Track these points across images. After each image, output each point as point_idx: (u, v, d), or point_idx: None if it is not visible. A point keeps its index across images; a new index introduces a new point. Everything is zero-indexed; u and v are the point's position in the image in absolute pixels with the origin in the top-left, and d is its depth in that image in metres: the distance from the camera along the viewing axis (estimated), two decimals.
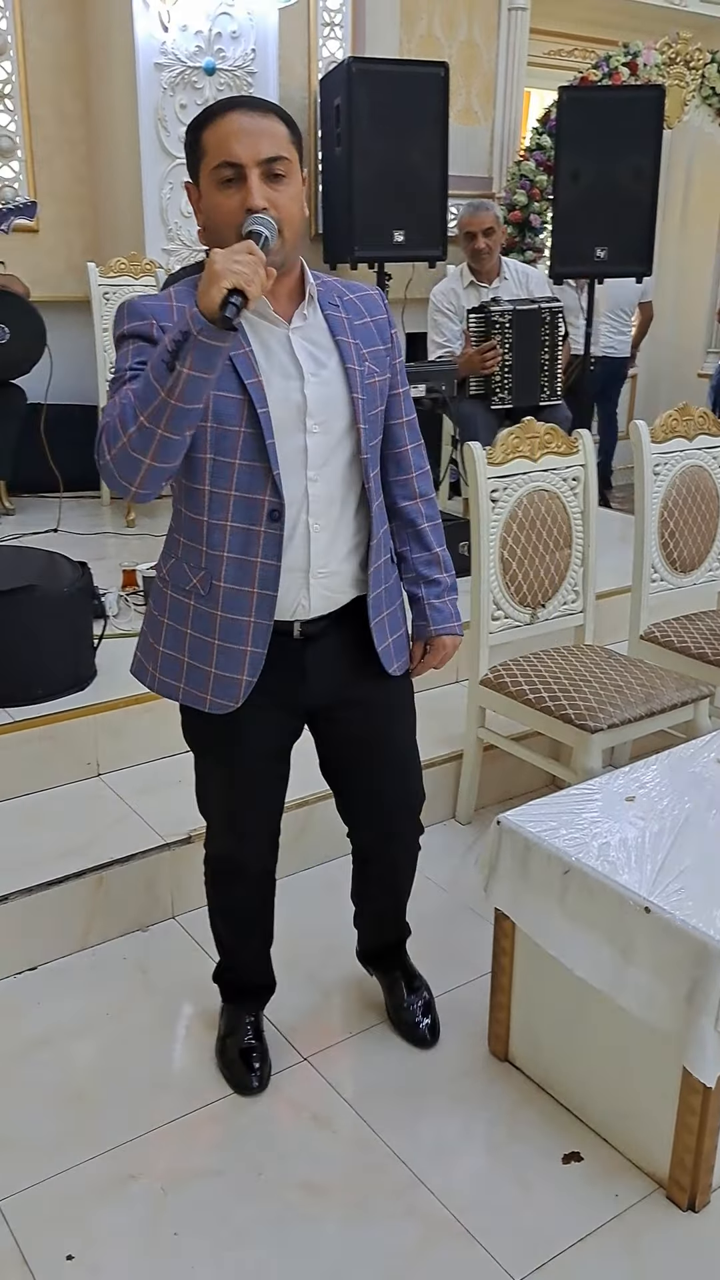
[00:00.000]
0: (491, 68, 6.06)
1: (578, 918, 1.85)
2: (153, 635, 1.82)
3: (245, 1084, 2.06)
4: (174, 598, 1.77)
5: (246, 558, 1.69)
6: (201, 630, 1.74)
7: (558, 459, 2.88)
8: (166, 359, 1.47)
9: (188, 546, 1.73)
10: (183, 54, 4.67)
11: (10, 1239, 1.75)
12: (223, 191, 1.57)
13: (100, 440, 1.54)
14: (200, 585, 1.72)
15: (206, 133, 1.59)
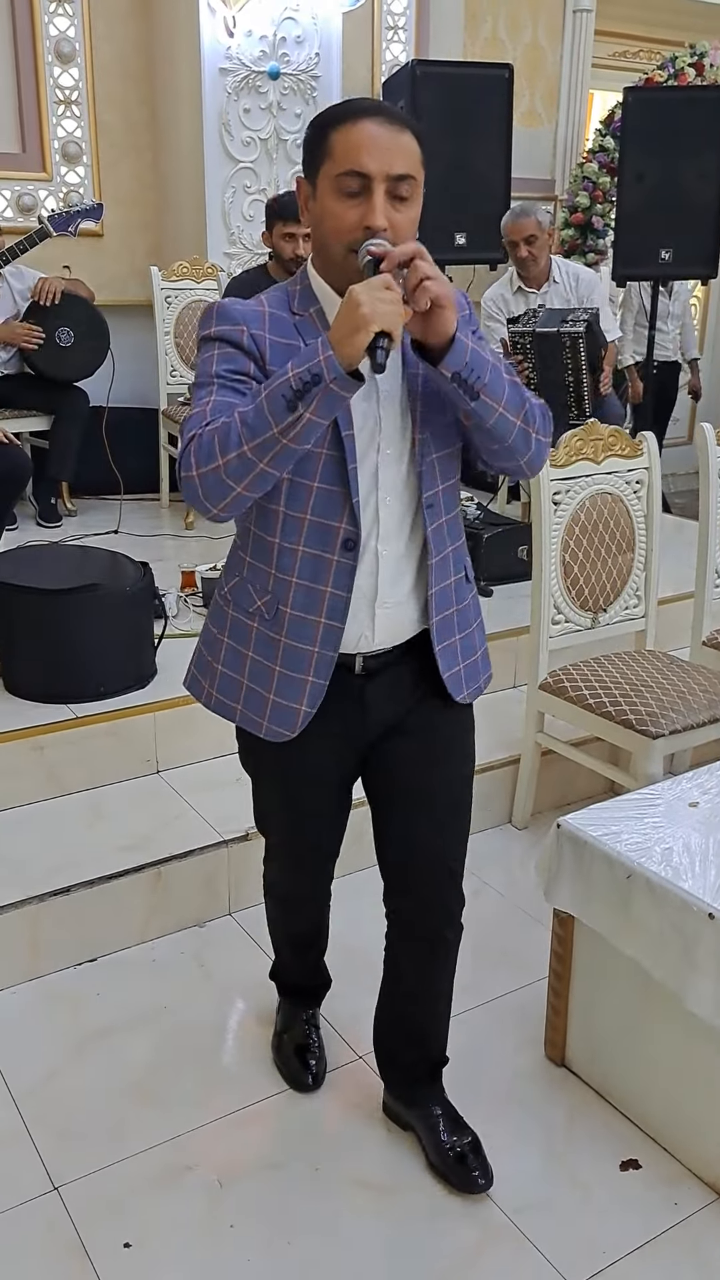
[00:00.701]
0: (556, 69, 6.05)
1: (641, 923, 1.83)
2: (211, 653, 1.75)
3: (301, 1081, 2.06)
4: (236, 618, 1.69)
5: (316, 586, 1.60)
6: (263, 655, 1.66)
7: (621, 461, 2.86)
8: (289, 397, 1.38)
9: (255, 567, 1.65)
10: (247, 59, 4.71)
11: (70, 1226, 1.77)
12: (342, 202, 1.47)
13: (188, 453, 1.45)
14: (265, 609, 1.64)
15: (336, 134, 1.47)
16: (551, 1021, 2.13)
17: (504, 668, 3.42)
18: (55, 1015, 2.26)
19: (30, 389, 4.61)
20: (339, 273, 1.50)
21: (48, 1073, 2.10)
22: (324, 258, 1.54)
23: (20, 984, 2.34)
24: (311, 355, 1.39)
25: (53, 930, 2.37)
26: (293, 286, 1.59)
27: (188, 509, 4.71)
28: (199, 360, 1.55)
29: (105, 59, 4.98)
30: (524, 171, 5.71)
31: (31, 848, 2.55)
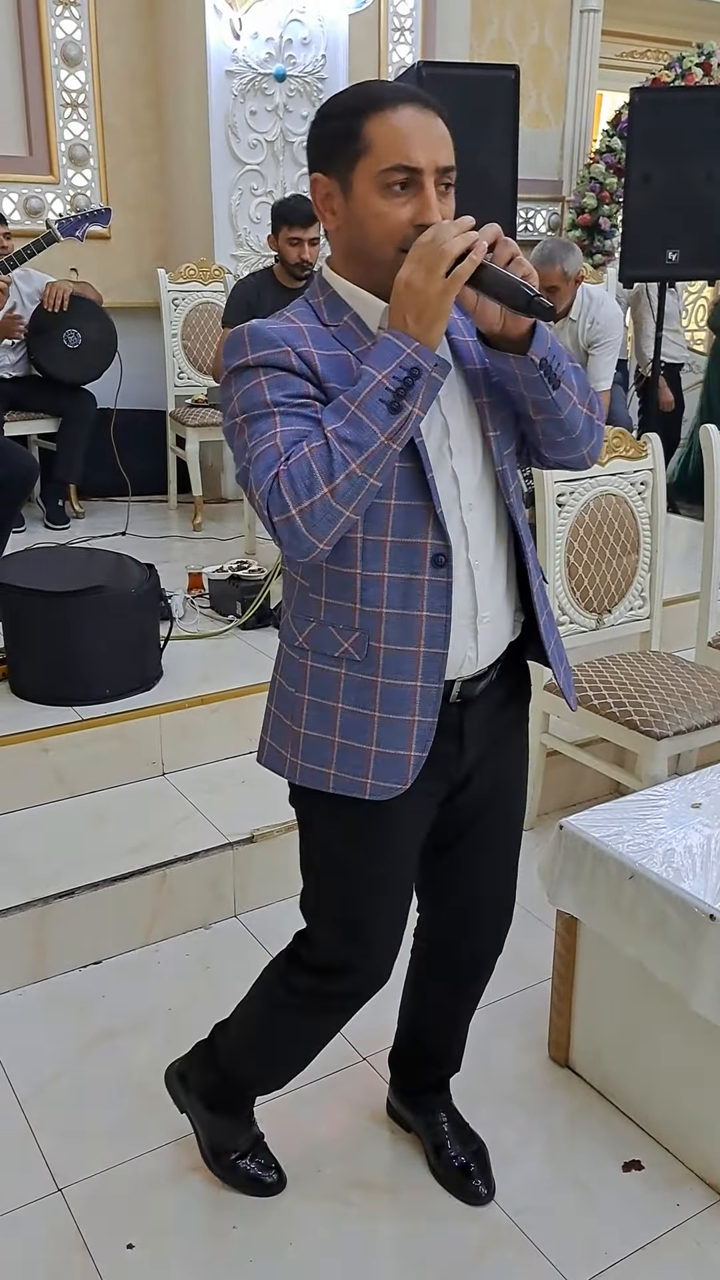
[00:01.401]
0: (563, 70, 6.05)
1: (643, 924, 1.83)
2: (289, 716, 1.53)
3: (271, 1184, 1.85)
4: (316, 668, 1.50)
5: (409, 612, 1.45)
6: (357, 703, 1.48)
7: (626, 463, 2.86)
8: (388, 400, 1.29)
9: (333, 607, 1.47)
10: (254, 61, 4.73)
11: (73, 1226, 1.78)
12: (389, 199, 1.35)
13: (278, 492, 1.30)
14: (354, 649, 1.47)
15: (372, 123, 1.34)
16: (555, 1022, 2.13)
17: None
18: (61, 1017, 2.27)
19: (38, 391, 4.64)
20: (384, 276, 1.36)
21: (53, 1074, 2.11)
22: (365, 261, 1.40)
23: (27, 985, 2.35)
24: (393, 351, 1.30)
25: (58, 932, 2.38)
26: (315, 299, 1.46)
27: (196, 509, 4.73)
28: (238, 392, 1.38)
29: (111, 62, 5.00)
30: (531, 173, 5.72)
31: (37, 850, 2.57)
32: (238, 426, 1.38)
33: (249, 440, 1.36)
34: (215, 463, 5.20)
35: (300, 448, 1.31)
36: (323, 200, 1.42)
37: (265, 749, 1.60)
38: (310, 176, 1.43)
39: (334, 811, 1.54)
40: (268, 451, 1.33)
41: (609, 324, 4.23)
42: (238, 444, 1.39)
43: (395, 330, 1.31)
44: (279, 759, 1.56)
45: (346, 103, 1.39)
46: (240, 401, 1.37)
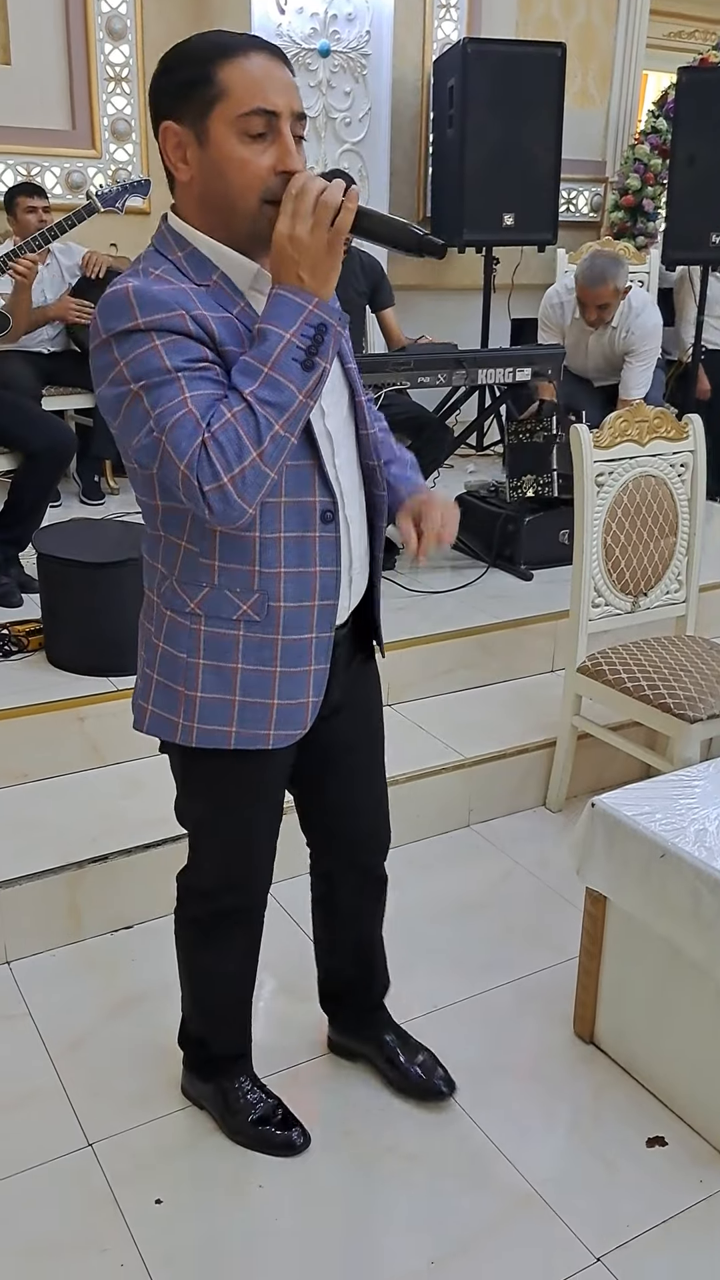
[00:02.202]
0: (609, 49, 5.98)
1: (673, 902, 1.84)
2: (178, 682, 1.54)
3: (289, 1144, 1.87)
4: (211, 632, 1.50)
5: (305, 569, 1.49)
6: (257, 661, 1.51)
7: (666, 444, 2.85)
8: (301, 358, 1.30)
9: (228, 570, 1.47)
10: (298, 36, 4.71)
11: (103, 1180, 1.81)
12: (249, 146, 1.33)
13: (205, 460, 1.29)
14: (253, 610, 1.49)
15: (226, 69, 1.31)
16: (581, 999, 2.14)
17: (542, 651, 3.43)
18: (92, 979, 2.30)
19: (76, 367, 4.65)
20: (249, 228, 1.36)
21: (84, 1033, 2.14)
22: (224, 212, 1.37)
23: (59, 947, 2.38)
24: (294, 309, 1.31)
25: (91, 896, 2.42)
26: (172, 254, 1.40)
27: None
28: (126, 358, 1.32)
29: (156, 36, 4.99)
30: (575, 153, 5.67)
31: (72, 816, 2.60)
32: (131, 395, 1.33)
33: (152, 409, 1.31)
34: None
35: (221, 413, 1.30)
36: (174, 150, 1.37)
37: (147, 716, 1.60)
38: (160, 126, 1.37)
39: (221, 764, 1.58)
40: (183, 420, 1.30)
41: (646, 334, 4.21)
42: (133, 413, 1.34)
43: (289, 286, 1.32)
44: (168, 725, 1.57)
45: (197, 49, 1.34)
46: (131, 368, 1.32)
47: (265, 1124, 1.89)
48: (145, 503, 1.50)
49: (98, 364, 1.36)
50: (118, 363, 1.33)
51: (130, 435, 1.36)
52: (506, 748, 2.98)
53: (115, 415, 1.37)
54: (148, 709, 1.60)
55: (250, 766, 1.61)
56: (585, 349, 4.33)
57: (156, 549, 1.53)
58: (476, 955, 2.39)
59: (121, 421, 1.37)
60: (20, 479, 3.52)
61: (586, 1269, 1.68)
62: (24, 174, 4.85)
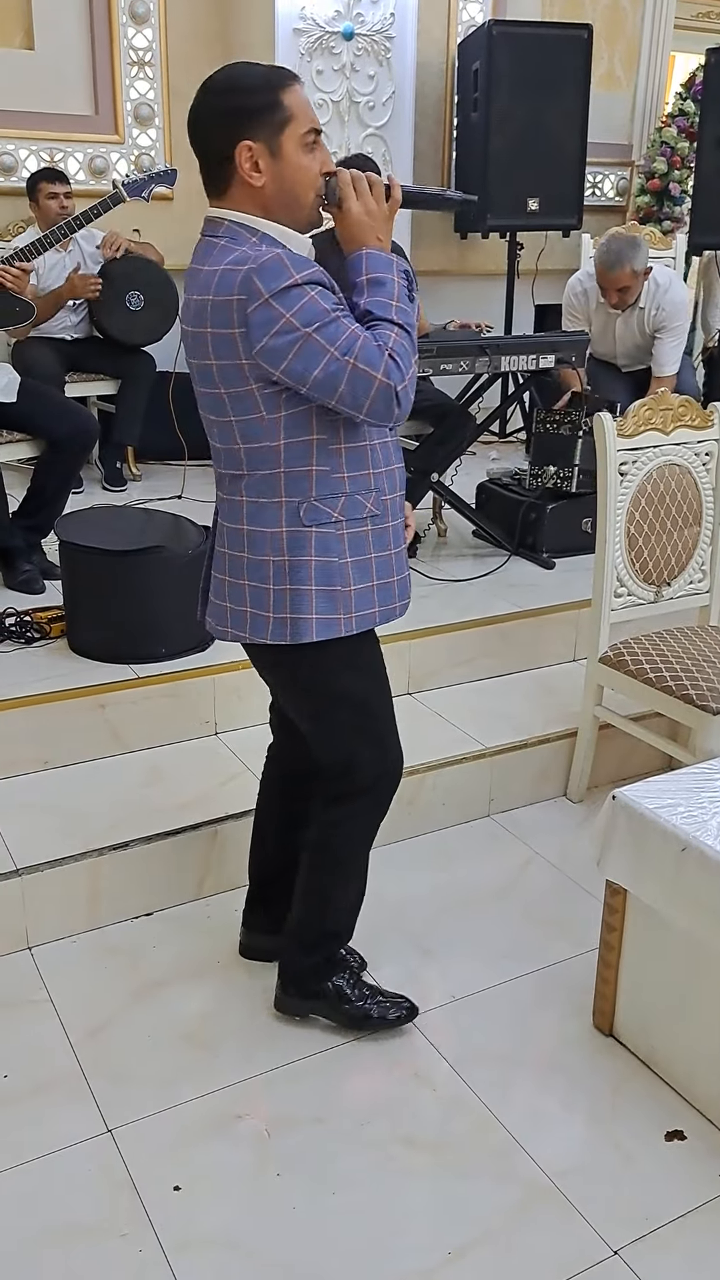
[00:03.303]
0: (636, 31, 5.91)
1: (695, 895, 1.83)
2: (335, 582, 1.82)
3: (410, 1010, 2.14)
4: (351, 534, 1.82)
5: (392, 466, 1.88)
6: (382, 547, 1.86)
7: (691, 432, 2.82)
8: (407, 293, 1.73)
9: (355, 478, 1.81)
10: (321, 19, 4.68)
11: (122, 1166, 1.83)
12: (308, 155, 1.72)
13: (395, 368, 1.67)
14: (374, 506, 1.84)
15: (288, 96, 1.69)
16: (600, 991, 2.14)
17: (564, 640, 3.42)
18: (113, 965, 2.31)
19: (99, 353, 4.66)
20: (308, 216, 1.76)
21: (104, 1020, 2.15)
22: (292, 208, 1.73)
23: (80, 934, 2.40)
24: (384, 261, 1.73)
25: (112, 883, 2.43)
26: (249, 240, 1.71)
27: None
28: (293, 308, 1.64)
29: (179, 20, 4.98)
30: (601, 136, 5.61)
31: (93, 803, 2.61)
32: (304, 337, 1.64)
33: (327, 344, 1.65)
34: None
35: (384, 335, 1.68)
36: (248, 161, 1.69)
37: (314, 625, 1.83)
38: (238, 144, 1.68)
39: (351, 648, 1.88)
40: (365, 343, 1.66)
41: (674, 310, 4.16)
42: (307, 351, 1.65)
43: (373, 247, 1.74)
44: (332, 625, 1.84)
45: (263, 79, 1.71)
46: (299, 316, 1.64)
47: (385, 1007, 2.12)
48: (266, 448, 1.77)
49: (258, 319, 1.65)
50: (283, 314, 1.64)
51: (308, 371, 1.66)
52: (527, 738, 2.97)
53: (284, 359, 1.66)
54: (312, 619, 1.83)
55: (374, 644, 1.94)
56: (613, 334, 4.28)
57: (275, 486, 1.79)
58: (495, 946, 2.39)
59: (294, 363, 1.66)
60: (42, 466, 3.53)
61: (603, 1261, 1.68)
62: (47, 160, 4.84)
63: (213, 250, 1.72)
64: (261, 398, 1.72)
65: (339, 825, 2.04)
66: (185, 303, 1.78)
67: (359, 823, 2.06)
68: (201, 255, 1.75)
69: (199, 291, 1.72)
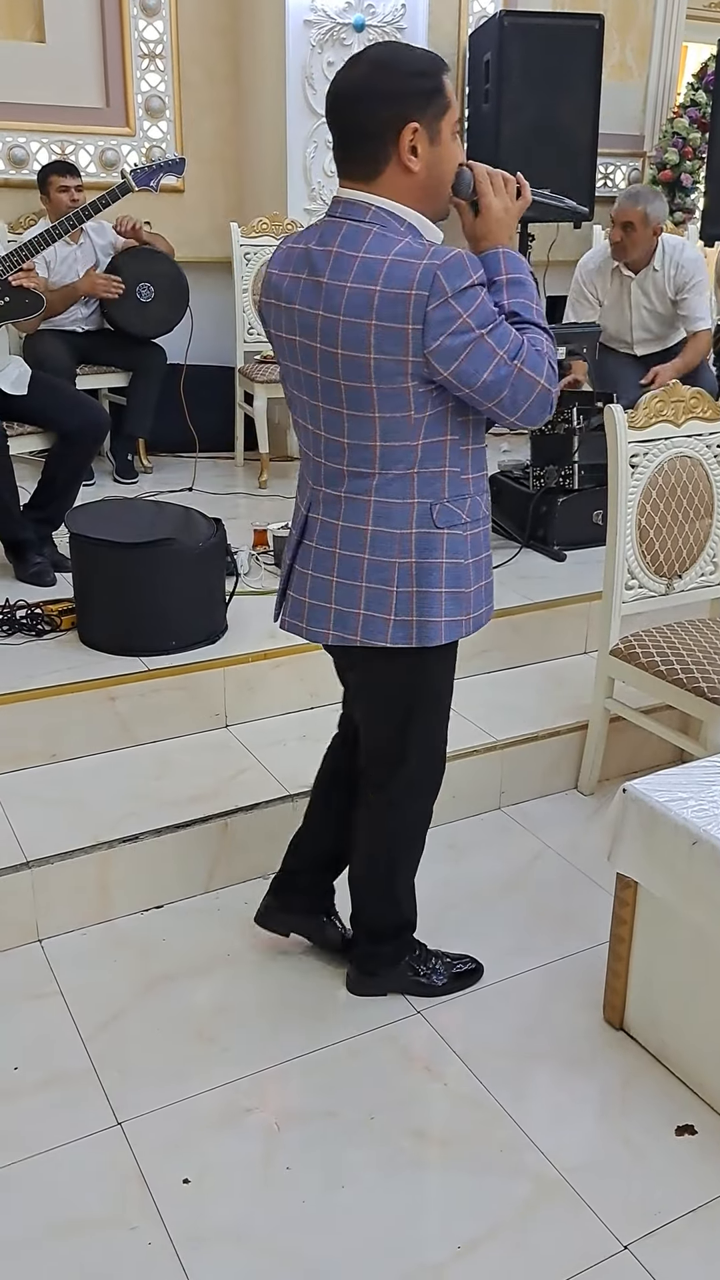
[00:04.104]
0: (649, 21, 5.86)
1: (705, 889, 1.82)
2: (461, 584, 1.83)
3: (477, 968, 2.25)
4: (473, 535, 1.84)
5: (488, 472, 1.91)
6: (477, 551, 1.87)
7: (703, 424, 2.80)
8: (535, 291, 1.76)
9: (477, 479, 1.84)
10: (332, 10, 4.65)
11: (131, 1159, 1.83)
12: (456, 143, 1.72)
13: (553, 376, 1.71)
14: (487, 507, 1.89)
15: (447, 82, 1.68)
16: (611, 985, 2.13)
17: (575, 633, 3.40)
18: (123, 958, 2.31)
19: (110, 345, 4.66)
20: (444, 207, 1.76)
21: (114, 1012, 2.16)
22: (436, 196, 1.72)
23: (90, 926, 2.40)
24: (520, 261, 1.75)
25: (122, 876, 2.43)
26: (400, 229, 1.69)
27: (262, 468, 4.74)
28: (469, 308, 1.63)
29: (190, 12, 4.96)
30: (612, 127, 5.57)
31: (103, 795, 2.61)
32: (477, 338, 1.64)
33: (497, 346, 1.66)
34: (282, 420, 5.18)
35: (539, 339, 1.71)
36: (409, 145, 1.65)
37: (442, 629, 1.83)
38: (405, 125, 1.64)
39: (443, 653, 1.90)
40: (527, 348, 1.68)
41: (694, 265, 4.18)
42: (478, 352, 1.65)
43: (503, 245, 1.75)
44: (456, 627, 1.85)
45: (430, 63, 1.68)
46: (475, 317, 1.64)
47: (451, 966, 2.22)
48: (405, 447, 1.74)
49: (437, 318, 1.62)
50: (460, 314, 1.63)
51: (478, 374, 1.66)
52: (538, 730, 2.96)
53: (455, 360, 1.64)
54: (440, 621, 1.83)
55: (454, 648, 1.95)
56: (628, 303, 4.23)
57: (409, 488, 1.78)
58: (506, 938, 2.38)
59: (464, 364, 1.65)
60: (53, 458, 3.53)
61: (614, 1256, 1.67)
62: (58, 152, 4.84)
63: (363, 236, 1.66)
64: (414, 396, 1.68)
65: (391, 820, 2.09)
66: (321, 288, 1.68)
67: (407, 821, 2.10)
68: (348, 240, 1.66)
69: (359, 279, 1.63)
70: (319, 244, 1.70)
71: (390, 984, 2.20)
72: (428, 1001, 2.18)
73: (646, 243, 4.08)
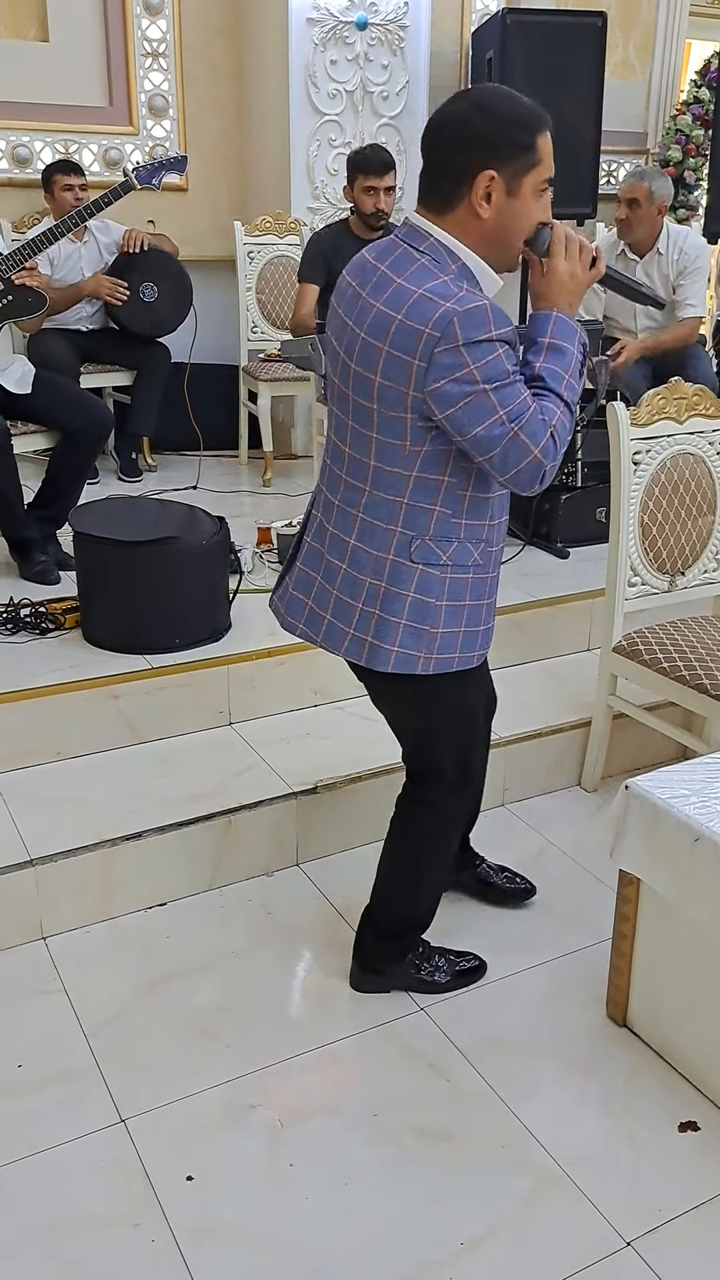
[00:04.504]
0: (652, 18, 5.86)
1: (707, 886, 1.82)
2: (426, 623, 1.83)
3: (479, 965, 2.26)
4: (454, 579, 1.83)
5: (502, 519, 1.89)
6: (477, 596, 1.87)
7: (706, 421, 2.80)
8: (580, 369, 1.73)
9: (471, 526, 1.82)
10: (335, 9, 4.66)
11: (135, 1156, 1.83)
12: (538, 202, 1.70)
13: (552, 447, 1.68)
14: (480, 557, 1.85)
15: (541, 141, 1.67)
16: (614, 981, 2.13)
17: (578, 630, 3.40)
18: (126, 955, 2.32)
19: (114, 344, 4.67)
20: (512, 260, 1.76)
21: (118, 1010, 2.16)
22: (503, 246, 1.72)
23: (94, 924, 2.40)
24: (571, 331, 1.73)
25: (125, 873, 2.43)
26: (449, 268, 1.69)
27: (266, 465, 4.74)
28: (479, 362, 1.63)
29: (193, 10, 4.97)
30: (616, 124, 5.57)
31: (107, 793, 2.62)
32: (480, 392, 1.64)
33: (499, 405, 1.65)
34: (286, 418, 5.19)
35: (552, 410, 1.69)
36: (483, 191, 1.66)
37: (393, 657, 1.85)
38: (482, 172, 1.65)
39: (445, 684, 1.90)
40: (533, 415, 1.67)
41: (697, 251, 4.21)
42: (478, 407, 1.64)
43: (564, 312, 1.74)
44: (411, 660, 1.85)
45: (529, 117, 1.67)
46: (483, 371, 1.63)
47: (455, 964, 2.23)
48: (393, 473, 1.77)
49: (443, 361, 1.63)
50: (468, 364, 1.63)
51: (470, 425, 1.66)
52: (542, 727, 2.96)
53: (452, 406, 1.65)
54: (393, 651, 1.85)
55: (468, 683, 1.96)
56: None
57: (395, 514, 1.80)
58: (510, 935, 2.38)
59: (460, 413, 1.66)
60: (57, 457, 3.53)
61: (617, 1253, 1.67)
62: (61, 151, 4.85)
63: (409, 264, 1.69)
64: (412, 429, 1.71)
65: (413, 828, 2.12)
66: (359, 301, 1.73)
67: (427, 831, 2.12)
68: (397, 263, 1.70)
69: (388, 304, 1.67)
70: (375, 259, 1.75)
71: (394, 981, 2.20)
72: (431, 998, 2.18)
73: (651, 221, 4.12)
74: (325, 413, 4.07)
